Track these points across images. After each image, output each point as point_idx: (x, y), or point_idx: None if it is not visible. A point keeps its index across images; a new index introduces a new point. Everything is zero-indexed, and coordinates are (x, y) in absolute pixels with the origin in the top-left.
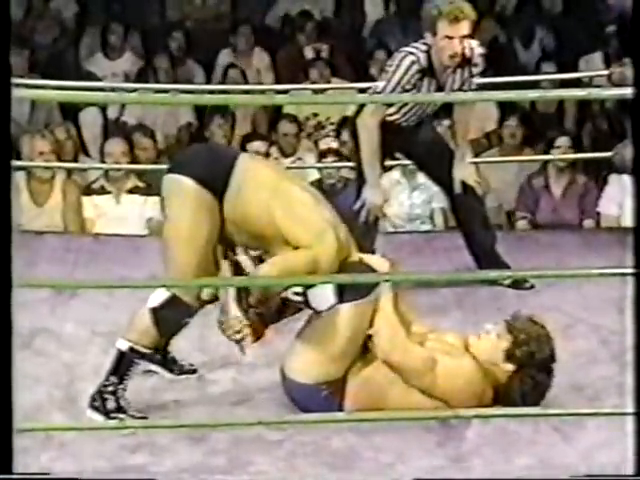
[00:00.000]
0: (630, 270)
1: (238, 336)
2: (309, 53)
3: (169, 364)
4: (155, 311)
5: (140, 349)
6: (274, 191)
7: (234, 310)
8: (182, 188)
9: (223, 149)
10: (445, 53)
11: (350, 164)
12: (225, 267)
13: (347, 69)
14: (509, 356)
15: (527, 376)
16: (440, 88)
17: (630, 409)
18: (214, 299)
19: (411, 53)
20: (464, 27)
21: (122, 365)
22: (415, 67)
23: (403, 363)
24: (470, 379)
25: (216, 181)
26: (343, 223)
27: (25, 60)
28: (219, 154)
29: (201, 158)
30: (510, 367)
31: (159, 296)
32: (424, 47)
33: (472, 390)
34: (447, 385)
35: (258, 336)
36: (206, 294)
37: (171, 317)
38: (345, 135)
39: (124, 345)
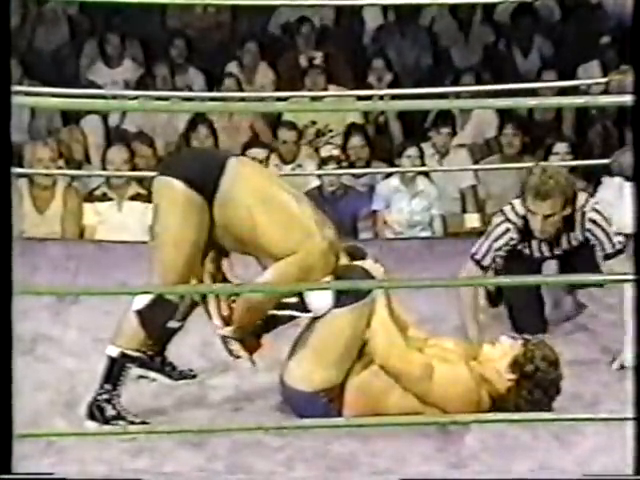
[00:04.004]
0: (630, 276)
1: (234, 354)
2: (303, 61)
3: (167, 370)
4: (141, 313)
5: (130, 353)
6: (258, 198)
7: (223, 330)
8: (172, 190)
9: (214, 152)
10: (531, 226)
11: (351, 171)
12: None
13: (345, 76)
14: (513, 366)
15: (525, 390)
16: (551, 245)
17: (628, 415)
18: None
19: (507, 220)
20: (548, 206)
21: (114, 371)
22: (508, 235)
23: (400, 369)
24: (467, 387)
25: (206, 183)
26: (339, 229)
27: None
28: (209, 157)
29: (191, 160)
30: (511, 376)
31: (143, 298)
32: (523, 211)
33: (468, 398)
34: (443, 392)
35: (254, 349)
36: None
37: (157, 317)
38: (350, 142)
39: (114, 351)
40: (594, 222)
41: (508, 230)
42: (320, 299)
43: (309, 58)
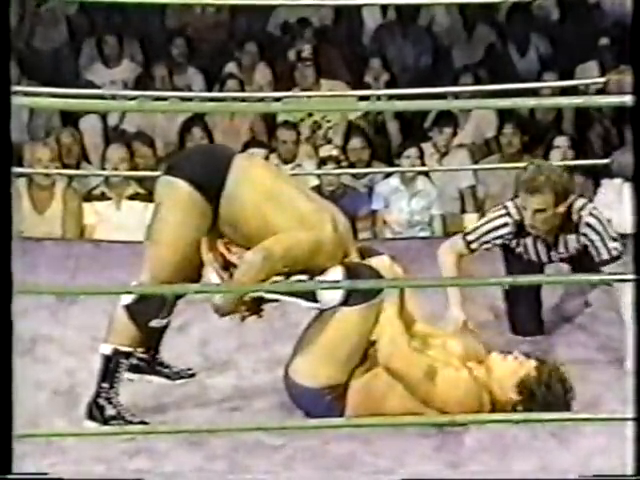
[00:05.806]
0: (630, 276)
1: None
2: (291, 55)
3: (164, 371)
4: (129, 307)
5: (123, 349)
6: (266, 193)
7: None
8: (176, 190)
9: (219, 150)
10: (524, 221)
11: (350, 171)
12: (210, 258)
13: (337, 69)
14: (520, 386)
15: (526, 407)
16: (548, 247)
17: (627, 414)
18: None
19: (508, 214)
20: (538, 201)
21: (110, 369)
22: (505, 230)
23: (403, 370)
24: (469, 391)
25: (211, 183)
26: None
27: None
28: (215, 155)
29: (197, 160)
30: (516, 397)
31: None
32: None
33: (470, 402)
34: (445, 395)
35: (254, 312)
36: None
37: (146, 310)
38: (350, 144)
39: (107, 349)
40: (590, 226)
41: (506, 225)
42: (330, 292)
43: (297, 51)
